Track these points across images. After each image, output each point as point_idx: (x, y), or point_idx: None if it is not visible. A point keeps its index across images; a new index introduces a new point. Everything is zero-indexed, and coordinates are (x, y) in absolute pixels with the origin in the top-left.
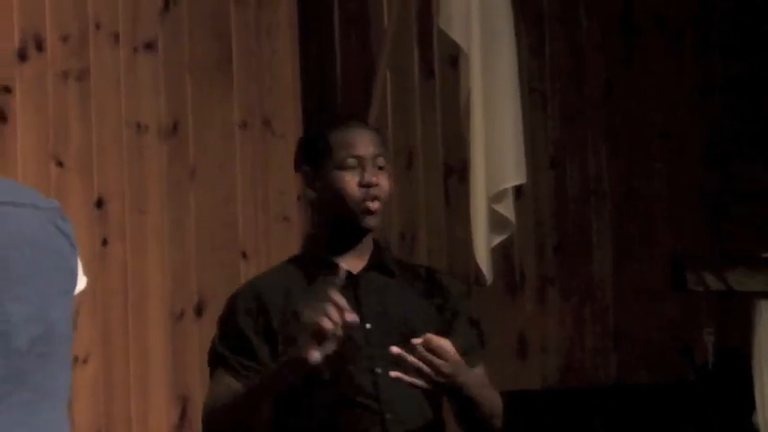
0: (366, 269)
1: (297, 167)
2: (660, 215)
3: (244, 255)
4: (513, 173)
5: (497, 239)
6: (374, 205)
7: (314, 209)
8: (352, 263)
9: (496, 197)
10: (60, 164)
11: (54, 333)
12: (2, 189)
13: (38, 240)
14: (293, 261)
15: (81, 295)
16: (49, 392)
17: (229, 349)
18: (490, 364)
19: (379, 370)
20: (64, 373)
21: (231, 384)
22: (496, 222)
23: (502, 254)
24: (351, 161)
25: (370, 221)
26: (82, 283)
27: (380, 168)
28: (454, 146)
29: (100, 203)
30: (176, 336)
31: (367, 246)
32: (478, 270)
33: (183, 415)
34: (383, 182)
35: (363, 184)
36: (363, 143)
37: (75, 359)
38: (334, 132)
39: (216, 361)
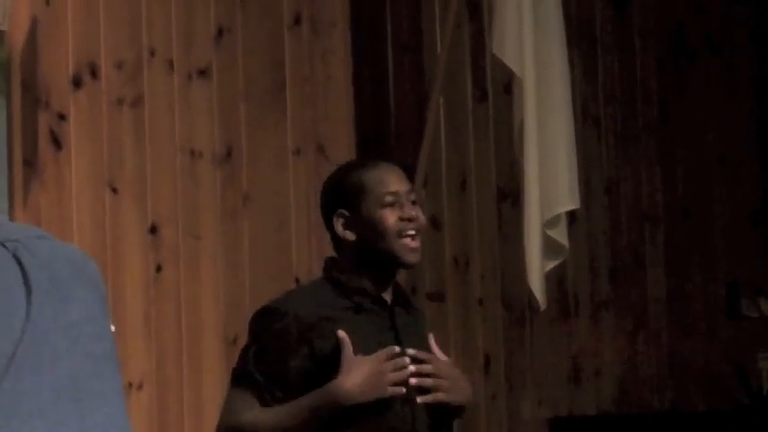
0: (395, 302)
1: (329, 212)
2: (715, 240)
3: (297, 281)
4: (567, 198)
5: (551, 264)
6: (415, 243)
7: (351, 250)
8: (385, 293)
9: (550, 222)
10: (115, 190)
11: (106, 338)
12: (30, 229)
13: (74, 263)
14: (330, 285)
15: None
16: (113, 388)
17: (264, 376)
18: (544, 388)
19: (416, 402)
20: (119, 376)
21: (254, 407)
22: (550, 247)
23: (555, 278)
24: (389, 198)
25: (413, 258)
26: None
27: (414, 203)
28: (507, 170)
29: (154, 229)
30: (230, 361)
31: None
32: (532, 295)
33: None
34: (420, 216)
35: (404, 218)
36: (396, 179)
37: (130, 385)
38: (366, 172)
39: (244, 380)
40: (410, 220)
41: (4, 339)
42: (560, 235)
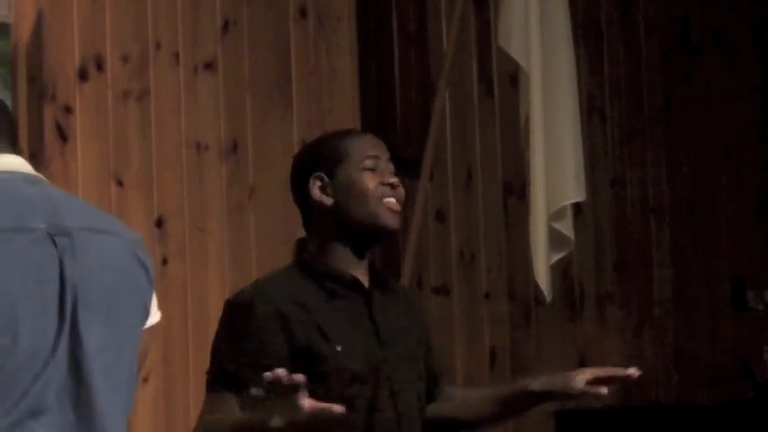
0: (372, 285)
1: (302, 178)
2: (720, 233)
3: None
4: (573, 190)
5: (556, 257)
6: (396, 206)
7: (325, 218)
8: (361, 276)
9: (556, 215)
10: (120, 183)
11: (124, 362)
12: (88, 214)
13: (118, 270)
14: (300, 271)
15: (152, 330)
16: (115, 418)
17: (247, 372)
18: None
19: (397, 391)
20: (128, 402)
21: (236, 413)
22: (556, 240)
23: (561, 272)
24: (369, 162)
25: (393, 220)
26: (155, 317)
27: (393, 174)
28: (513, 163)
29: (160, 223)
30: None
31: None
32: (538, 288)
33: None
34: (401, 187)
35: (385, 183)
36: (377, 145)
37: None
38: (347, 138)
39: (221, 382)
40: (391, 186)
41: (33, 362)
42: (566, 228)
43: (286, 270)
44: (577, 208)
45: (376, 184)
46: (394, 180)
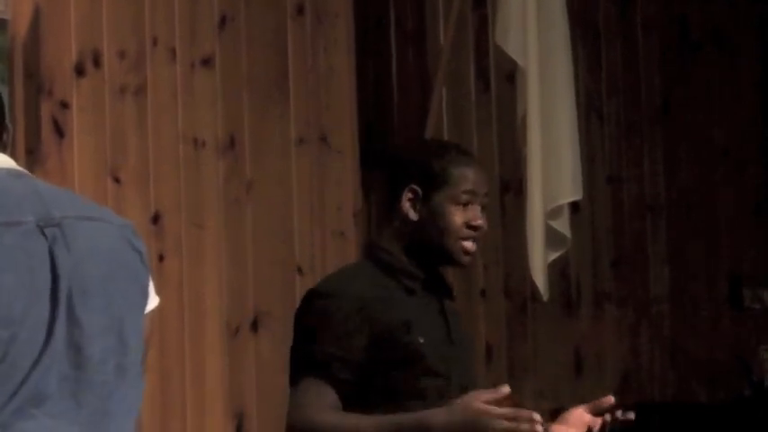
0: (442, 287)
1: (399, 182)
2: (718, 231)
3: (300, 270)
4: (570, 189)
5: (553, 255)
6: (472, 247)
7: (406, 229)
8: (434, 279)
9: (553, 213)
10: (117, 179)
11: (127, 347)
12: (75, 203)
13: (112, 254)
14: (376, 266)
15: (152, 315)
16: (120, 405)
17: (333, 358)
18: (546, 379)
19: (467, 387)
20: (135, 389)
21: (332, 399)
22: (552, 238)
23: (558, 270)
24: (465, 197)
25: (466, 260)
26: (154, 302)
27: (483, 207)
28: (510, 161)
29: (156, 219)
30: (232, 351)
31: None
32: (535, 286)
33: (239, 431)
34: (485, 224)
35: (471, 225)
36: (480, 181)
37: None
38: (454, 163)
39: (313, 369)
40: (475, 228)
41: (31, 351)
42: (563, 226)
43: (361, 265)
44: (574, 206)
45: (461, 224)
46: (480, 223)
